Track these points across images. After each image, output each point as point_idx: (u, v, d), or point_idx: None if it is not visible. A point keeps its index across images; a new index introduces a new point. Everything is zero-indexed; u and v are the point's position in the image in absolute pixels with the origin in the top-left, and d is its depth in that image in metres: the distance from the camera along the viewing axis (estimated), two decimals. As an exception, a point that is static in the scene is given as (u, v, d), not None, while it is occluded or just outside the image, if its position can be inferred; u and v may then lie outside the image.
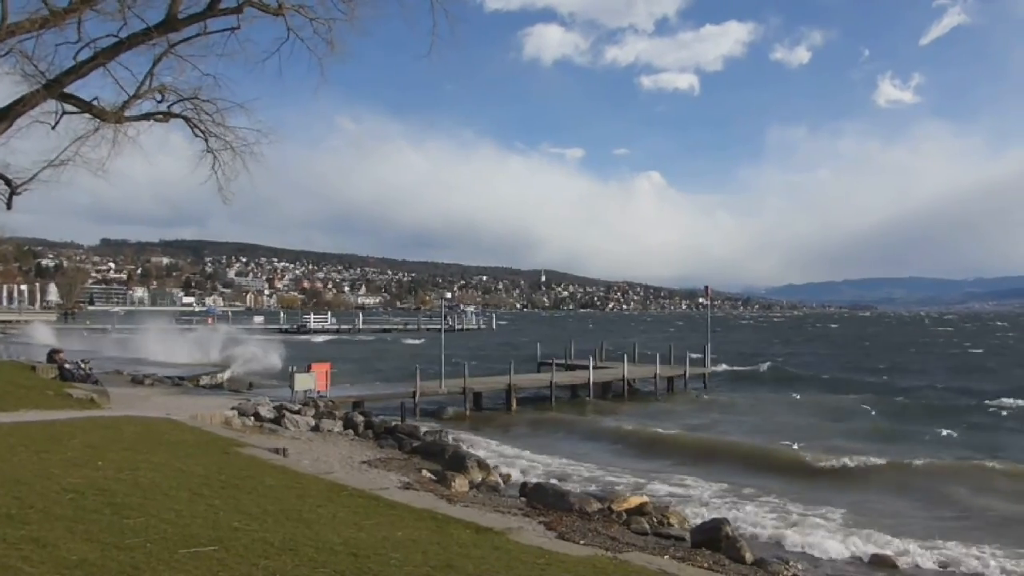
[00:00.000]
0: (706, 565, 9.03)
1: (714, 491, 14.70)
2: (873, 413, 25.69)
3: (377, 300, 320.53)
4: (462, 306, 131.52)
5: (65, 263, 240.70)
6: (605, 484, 14.87)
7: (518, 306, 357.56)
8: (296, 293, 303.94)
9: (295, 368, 22.69)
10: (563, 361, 33.73)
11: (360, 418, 19.90)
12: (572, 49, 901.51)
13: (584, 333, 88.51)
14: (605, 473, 16.23)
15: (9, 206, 16.24)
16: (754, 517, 12.61)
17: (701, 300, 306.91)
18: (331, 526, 7.00)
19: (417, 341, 68.82)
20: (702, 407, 28.27)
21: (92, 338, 53.84)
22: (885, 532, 11.53)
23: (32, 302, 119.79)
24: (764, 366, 44.94)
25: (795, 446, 18.40)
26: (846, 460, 16.41)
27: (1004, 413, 25.75)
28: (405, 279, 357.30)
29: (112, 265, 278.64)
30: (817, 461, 16.51)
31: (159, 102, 16.60)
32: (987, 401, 28.44)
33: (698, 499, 14.02)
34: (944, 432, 21.59)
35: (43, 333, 53.31)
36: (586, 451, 18.99)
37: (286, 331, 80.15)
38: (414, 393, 23.28)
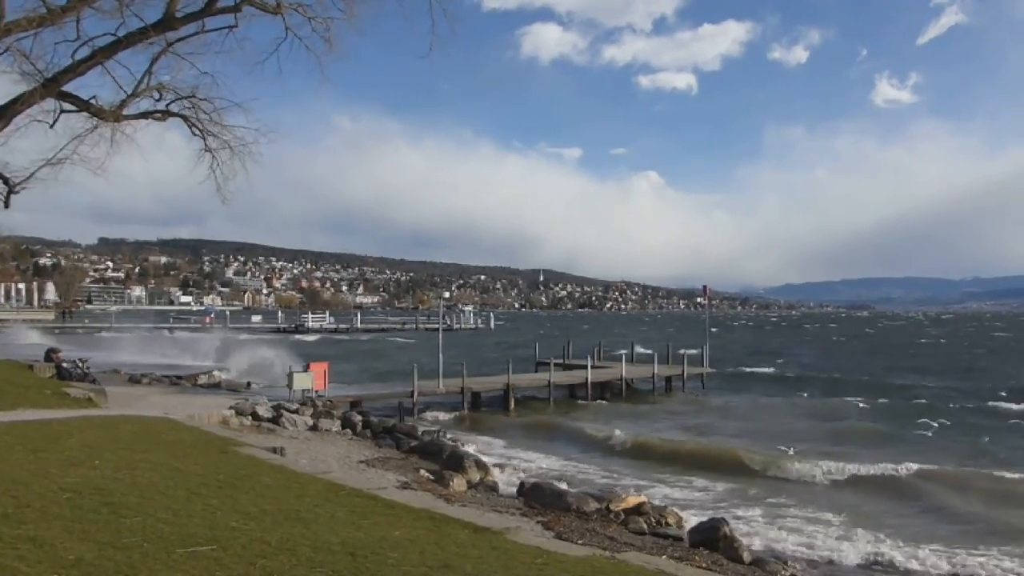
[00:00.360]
0: (704, 565, 9.03)
1: (711, 492, 14.71)
2: (872, 416, 25.60)
3: (375, 299, 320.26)
4: (460, 306, 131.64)
5: (63, 262, 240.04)
6: (603, 484, 14.87)
7: (516, 306, 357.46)
8: (294, 292, 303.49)
9: (293, 368, 22.66)
10: (561, 361, 33.72)
11: (358, 418, 19.88)
12: (570, 48, 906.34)
13: (582, 333, 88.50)
14: (603, 473, 16.24)
15: (7, 205, 16.22)
16: (752, 518, 12.62)
17: (699, 300, 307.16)
18: (329, 526, 6.99)
19: (409, 340, 68.09)
20: (700, 408, 28.26)
21: (84, 343, 52.69)
22: (884, 535, 11.54)
23: (30, 301, 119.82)
24: (761, 367, 44.88)
25: (791, 450, 18.41)
26: (845, 464, 16.33)
27: (1005, 416, 25.55)
28: (403, 279, 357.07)
29: (110, 264, 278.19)
30: (815, 464, 16.44)
31: (157, 101, 16.61)
32: (988, 404, 28.24)
33: (696, 500, 14.03)
34: (945, 436, 21.52)
35: (29, 337, 52.43)
36: (584, 451, 18.99)
37: (283, 330, 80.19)
38: (412, 393, 23.26)
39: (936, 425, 23.12)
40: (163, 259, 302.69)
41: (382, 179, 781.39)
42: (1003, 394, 30.90)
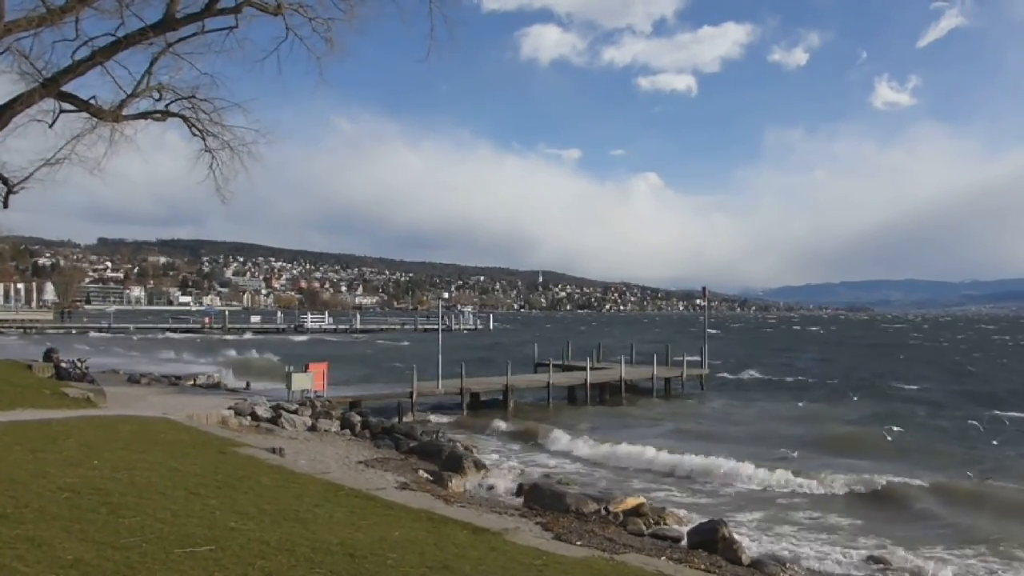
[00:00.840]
0: (703, 567, 9.02)
1: (710, 493, 14.70)
2: (873, 422, 25.31)
3: (375, 300, 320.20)
4: (459, 307, 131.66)
5: (62, 262, 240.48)
6: (602, 485, 14.86)
7: (515, 307, 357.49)
8: (293, 293, 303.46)
9: (292, 368, 22.63)
10: (560, 362, 33.73)
11: (357, 418, 19.87)
12: (569, 49, 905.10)
13: (581, 334, 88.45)
14: (601, 474, 16.23)
15: (6, 205, 16.23)
16: (752, 522, 12.62)
17: (698, 301, 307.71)
18: (328, 526, 6.98)
19: (402, 344, 66.91)
20: (699, 409, 28.26)
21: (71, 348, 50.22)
22: (883, 539, 11.53)
23: (28, 301, 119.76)
24: (760, 370, 44.83)
25: (795, 453, 18.36)
26: (847, 474, 16.14)
27: (1006, 424, 25.02)
28: (402, 279, 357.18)
29: (109, 264, 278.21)
30: (814, 469, 16.36)
31: (157, 101, 16.61)
32: (990, 411, 27.35)
33: (695, 502, 14.02)
34: (948, 443, 21.19)
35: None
36: (582, 451, 18.94)
37: (282, 331, 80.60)
38: (411, 393, 23.25)
39: (944, 434, 22.75)
40: (162, 259, 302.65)
41: (381, 180, 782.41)
42: (1003, 400, 30.66)
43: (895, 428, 22.43)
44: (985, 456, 19.31)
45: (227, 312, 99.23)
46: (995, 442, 21.15)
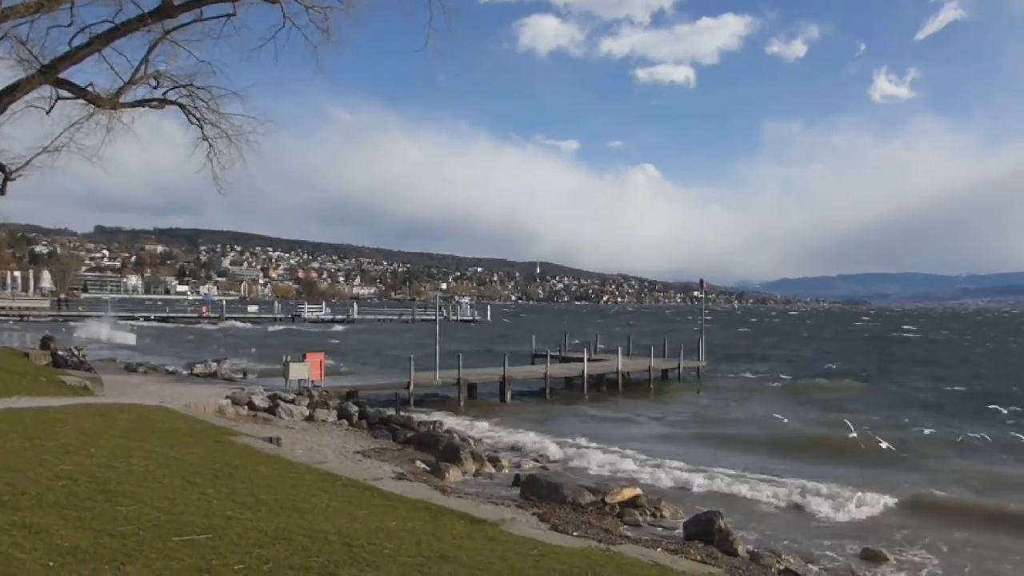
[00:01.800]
0: (699, 558, 9.04)
1: (709, 486, 14.71)
2: (870, 413, 25.23)
3: (372, 291, 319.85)
4: (457, 297, 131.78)
5: (59, 250, 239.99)
6: (599, 477, 14.88)
7: (513, 298, 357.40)
8: (291, 283, 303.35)
9: (289, 357, 22.62)
10: (557, 353, 33.75)
11: (354, 408, 19.88)
12: (567, 40, 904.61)
13: (579, 326, 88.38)
14: (600, 466, 16.24)
15: (3, 192, 16.14)
16: (749, 512, 12.64)
17: (696, 294, 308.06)
18: (324, 516, 7.00)
19: (392, 336, 65.88)
20: (696, 401, 28.31)
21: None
22: (879, 536, 11.57)
23: (25, 288, 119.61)
24: (757, 362, 44.90)
25: (791, 450, 18.34)
26: (841, 470, 16.12)
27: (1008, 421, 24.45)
28: (400, 270, 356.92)
29: (106, 252, 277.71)
30: (811, 468, 16.35)
31: (154, 88, 16.48)
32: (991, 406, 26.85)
33: (692, 493, 14.05)
34: (948, 445, 21.03)
35: None
36: (580, 445, 18.95)
37: (279, 319, 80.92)
38: (408, 384, 23.26)
39: (936, 431, 22.44)
40: (159, 248, 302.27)
41: (379, 170, 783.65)
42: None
43: (889, 429, 22.36)
44: (983, 459, 19.17)
45: (224, 301, 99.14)
46: (992, 439, 21.14)
